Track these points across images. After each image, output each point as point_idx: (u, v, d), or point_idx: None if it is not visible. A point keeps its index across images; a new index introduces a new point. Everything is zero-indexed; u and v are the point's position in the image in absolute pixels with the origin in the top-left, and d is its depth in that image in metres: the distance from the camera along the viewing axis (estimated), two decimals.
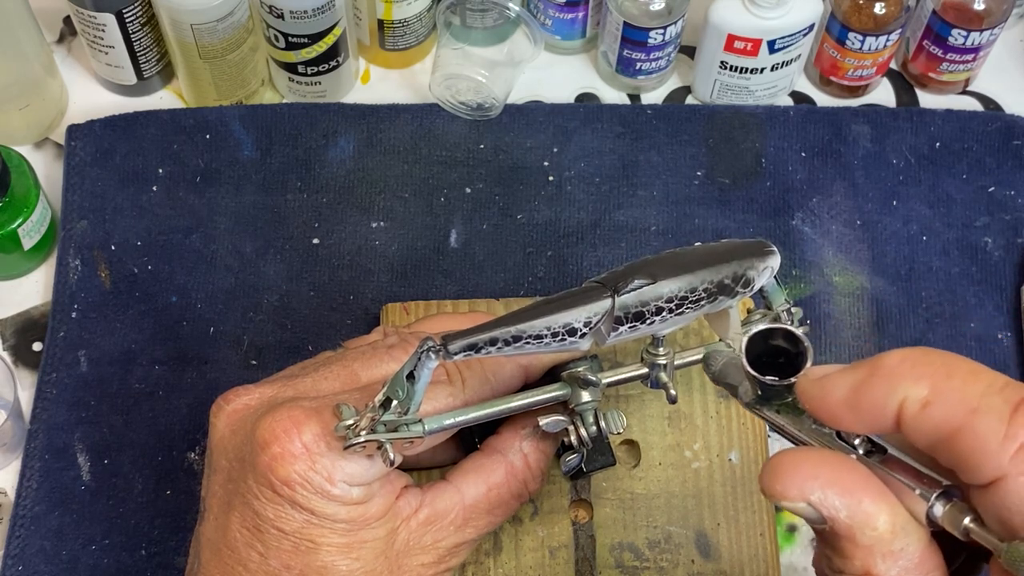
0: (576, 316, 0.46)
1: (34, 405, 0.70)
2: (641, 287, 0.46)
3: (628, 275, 0.46)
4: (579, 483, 0.62)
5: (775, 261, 0.49)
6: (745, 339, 0.42)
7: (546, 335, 0.45)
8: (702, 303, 0.47)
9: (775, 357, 0.42)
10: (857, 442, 0.40)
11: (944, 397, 0.35)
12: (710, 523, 0.62)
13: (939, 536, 0.38)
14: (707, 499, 0.62)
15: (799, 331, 0.42)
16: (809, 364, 0.41)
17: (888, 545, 0.37)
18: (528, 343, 0.45)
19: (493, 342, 0.45)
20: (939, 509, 0.37)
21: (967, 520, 0.36)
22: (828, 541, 0.38)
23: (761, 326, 0.42)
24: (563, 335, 0.46)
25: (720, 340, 0.52)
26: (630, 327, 0.46)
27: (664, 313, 0.46)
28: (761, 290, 0.51)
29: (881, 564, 0.37)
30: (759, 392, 0.44)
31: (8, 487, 0.69)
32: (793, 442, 0.43)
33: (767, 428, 0.65)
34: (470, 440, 0.58)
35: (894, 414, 0.36)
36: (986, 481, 0.35)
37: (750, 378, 0.42)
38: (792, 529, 0.68)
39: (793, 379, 0.40)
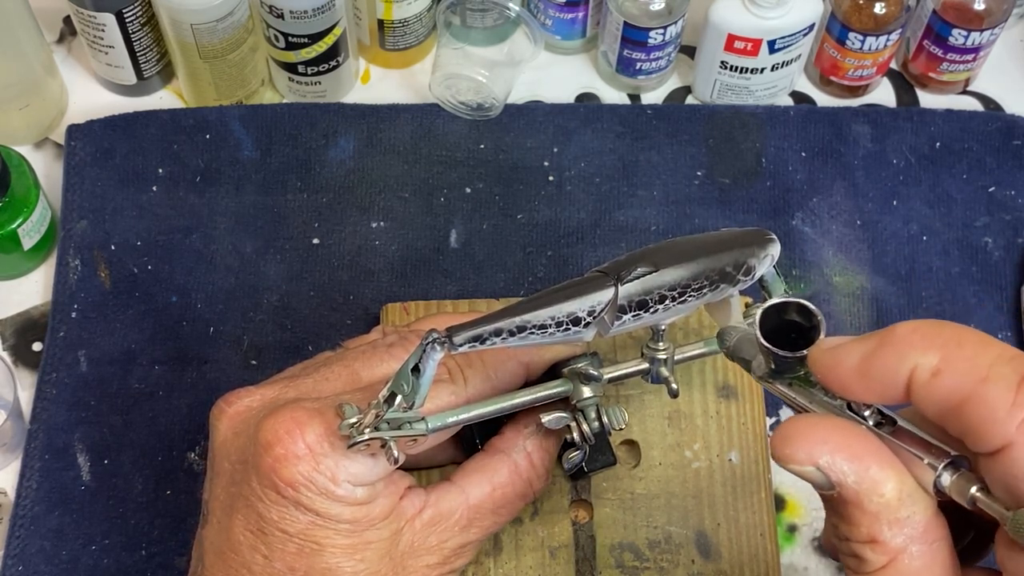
0: (580, 305, 0.46)
1: (34, 405, 0.70)
2: (644, 275, 0.46)
3: (631, 264, 0.46)
4: (579, 483, 0.62)
5: (775, 249, 0.50)
6: (759, 312, 0.42)
7: (550, 325, 0.46)
8: (704, 291, 0.47)
9: (788, 331, 0.42)
10: (867, 413, 0.40)
11: (954, 366, 0.36)
12: (710, 523, 0.62)
13: (949, 513, 0.38)
14: (707, 499, 0.62)
15: (812, 305, 0.42)
16: (822, 336, 0.41)
17: (894, 512, 0.37)
18: (532, 333, 0.46)
19: (498, 333, 0.45)
20: (947, 478, 0.37)
21: (974, 489, 0.37)
22: (835, 508, 0.39)
23: (774, 300, 0.43)
24: (567, 324, 0.46)
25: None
26: (633, 316, 0.47)
27: (667, 301, 0.47)
28: (760, 281, 0.51)
29: (887, 531, 0.37)
30: (772, 365, 0.44)
31: (8, 487, 0.69)
32: None
33: (767, 428, 0.65)
34: (471, 440, 0.58)
35: (904, 383, 0.37)
36: (993, 449, 0.35)
37: (763, 351, 0.43)
38: (792, 529, 0.68)
39: (805, 351, 0.41)
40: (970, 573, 0.39)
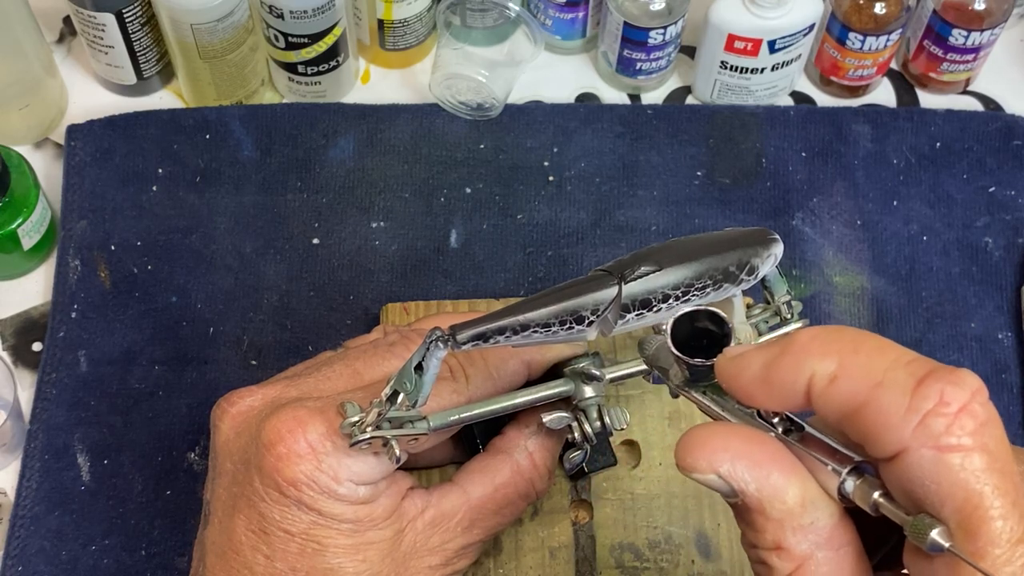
0: (583, 304, 0.46)
1: (34, 405, 0.70)
2: (647, 274, 0.46)
3: (634, 263, 0.47)
4: (579, 483, 0.62)
5: (778, 249, 0.50)
6: (671, 321, 0.43)
7: (554, 323, 0.46)
8: (707, 290, 0.48)
9: (702, 339, 0.43)
10: (776, 421, 0.40)
11: (850, 372, 0.36)
12: (710, 523, 0.62)
13: (870, 520, 0.38)
14: (707, 499, 0.62)
15: (722, 312, 0.42)
16: (732, 345, 0.41)
17: (798, 519, 0.37)
18: (536, 332, 0.46)
19: (501, 331, 0.45)
20: (850, 484, 0.37)
21: (876, 494, 0.37)
22: (741, 515, 0.39)
23: (686, 308, 0.43)
24: (571, 323, 0.46)
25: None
26: (637, 315, 0.47)
27: (670, 300, 0.47)
28: (763, 281, 0.52)
29: (791, 537, 0.37)
30: (687, 374, 0.44)
31: (8, 487, 0.69)
32: None
33: None
34: (472, 441, 0.58)
35: (804, 390, 0.37)
36: (890, 454, 0.35)
37: (677, 360, 0.43)
38: None
39: (714, 360, 0.41)
40: None
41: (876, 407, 0.35)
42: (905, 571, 0.37)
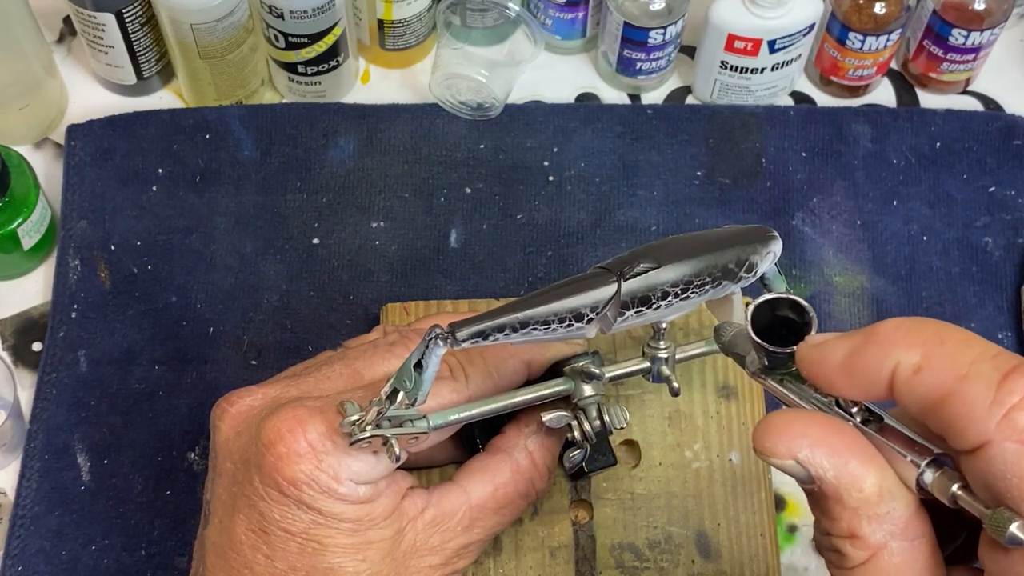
0: (583, 301, 0.46)
1: (34, 405, 0.70)
2: (647, 272, 0.46)
3: (633, 260, 0.47)
4: (579, 483, 0.62)
5: (777, 246, 0.50)
6: (751, 308, 0.42)
7: (553, 321, 0.46)
8: (706, 288, 0.48)
9: (781, 327, 0.43)
10: (855, 410, 0.40)
11: (935, 363, 0.36)
12: (710, 523, 0.61)
13: (939, 513, 0.38)
14: (707, 499, 0.62)
15: (804, 301, 0.42)
16: (813, 332, 0.41)
17: (875, 508, 0.37)
18: (535, 329, 0.46)
19: (501, 329, 0.45)
20: (929, 476, 0.37)
21: (955, 487, 0.37)
22: (816, 502, 0.39)
23: (767, 296, 0.43)
24: (570, 320, 0.46)
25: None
26: (636, 312, 0.47)
27: (669, 298, 0.47)
28: (762, 279, 0.52)
29: (867, 526, 0.37)
30: (765, 361, 0.44)
31: (8, 487, 0.69)
32: None
33: None
34: (471, 440, 0.58)
35: (887, 379, 0.37)
36: (973, 446, 0.35)
37: (755, 346, 0.43)
38: (792, 529, 0.68)
39: (795, 347, 0.41)
40: (955, 571, 0.39)
41: (960, 399, 0.35)
42: (978, 565, 0.37)
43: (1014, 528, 0.34)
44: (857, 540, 0.37)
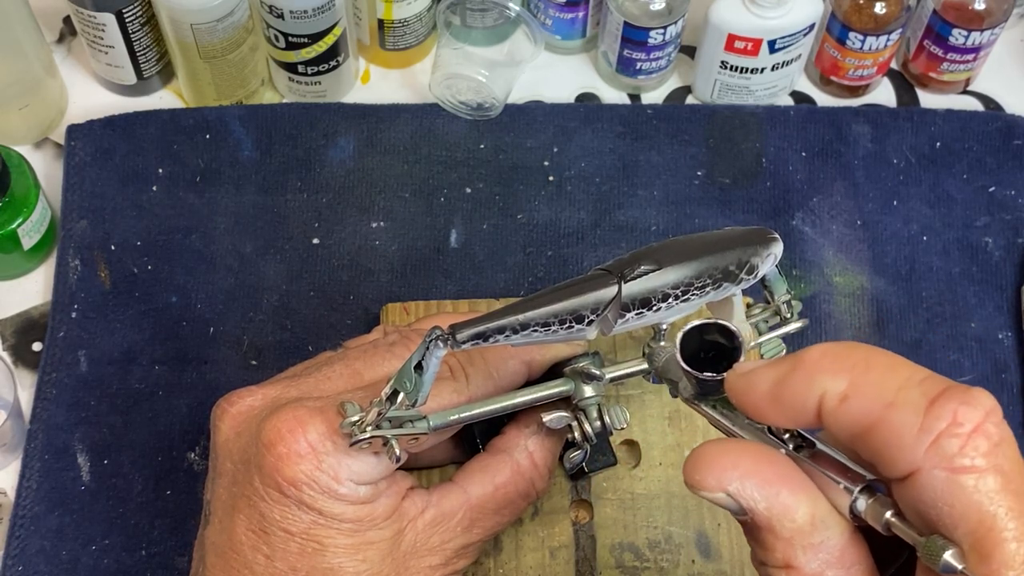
0: (583, 303, 0.46)
1: (34, 405, 0.70)
2: (647, 273, 0.46)
3: (634, 262, 0.46)
4: (579, 483, 0.62)
5: (778, 248, 0.50)
6: (680, 335, 0.42)
7: (554, 322, 0.46)
8: (707, 289, 0.48)
9: (711, 352, 0.42)
10: (787, 437, 0.40)
11: (861, 391, 0.35)
12: (711, 523, 0.61)
13: (878, 535, 0.38)
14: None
15: (733, 326, 0.42)
16: (742, 359, 0.41)
17: (808, 537, 0.37)
18: (536, 331, 0.46)
19: (501, 330, 0.45)
20: (862, 503, 0.37)
21: (888, 514, 0.36)
22: (751, 533, 0.38)
23: (696, 321, 0.43)
24: (570, 322, 0.46)
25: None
26: (636, 314, 0.47)
27: (670, 300, 0.47)
28: (763, 280, 0.52)
29: (801, 556, 0.37)
30: (696, 388, 0.44)
31: (8, 487, 0.69)
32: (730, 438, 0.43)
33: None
34: (471, 440, 0.58)
35: (814, 408, 0.36)
36: (902, 474, 0.35)
37: (686, 373, 0.43)
38: None
39: (724, 375, 0.41)
40: None
41: (888, 427, 0.35)
42: None
43: (948, 556, 0.34)
44: (792, 570, 0.37)
